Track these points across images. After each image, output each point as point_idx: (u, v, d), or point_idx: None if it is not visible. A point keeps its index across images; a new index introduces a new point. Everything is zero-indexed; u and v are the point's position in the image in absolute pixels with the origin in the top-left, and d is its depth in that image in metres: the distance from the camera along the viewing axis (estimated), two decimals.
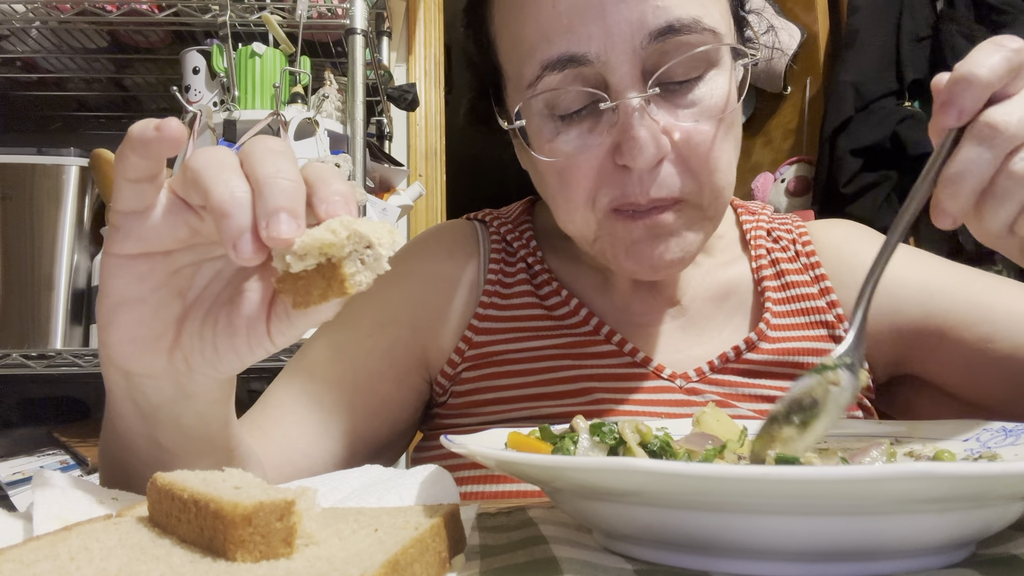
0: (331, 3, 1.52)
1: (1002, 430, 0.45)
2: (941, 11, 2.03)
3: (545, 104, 0.60)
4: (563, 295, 0.71)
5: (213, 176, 0.38)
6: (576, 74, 0.57)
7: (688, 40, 0.56)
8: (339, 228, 0.36)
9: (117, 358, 0.42)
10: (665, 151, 0.57)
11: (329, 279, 0.36)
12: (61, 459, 1.45)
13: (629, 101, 0.56)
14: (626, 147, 0.56)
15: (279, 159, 0.38)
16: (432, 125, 2.32)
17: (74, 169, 1.46)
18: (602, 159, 0.59)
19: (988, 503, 0.31)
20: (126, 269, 0.40)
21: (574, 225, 0.63)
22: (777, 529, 0.30)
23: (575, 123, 0.60)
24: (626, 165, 0.58)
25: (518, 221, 0.78)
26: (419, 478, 0.43)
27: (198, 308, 0.43)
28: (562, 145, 0.60)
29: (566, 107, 0.59)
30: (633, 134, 0.56)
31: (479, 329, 0.70)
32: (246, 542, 0.28)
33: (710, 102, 0.59)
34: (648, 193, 0.58)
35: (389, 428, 0.70)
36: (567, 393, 0.67)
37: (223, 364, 0.43)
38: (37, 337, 1.41)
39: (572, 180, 0.60)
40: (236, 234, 0.36)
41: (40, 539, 0.31)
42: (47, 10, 1.49)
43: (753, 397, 0.67)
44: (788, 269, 0.73)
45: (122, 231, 0.40)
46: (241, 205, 0.37)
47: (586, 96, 0.58)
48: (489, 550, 0.36)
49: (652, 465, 0.29)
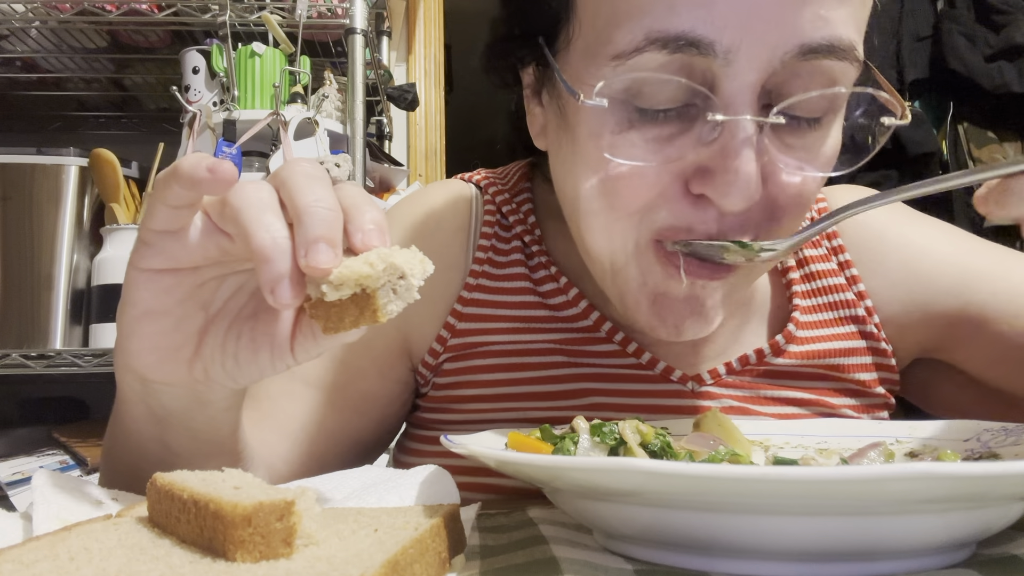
0: (331, 3, 1.52)
1: (1002, 430, 0.45)
2: (941, 11, 2.03)
3: (628, 87, 0.47)
4: (561, 282, 0.64)
5: (254, 218, 0.37)
6: (687, 62, 0.45)
7: (834, 69, 0.46)
8: (376, 261, 0.36)
9: (137, 366, 0.43)
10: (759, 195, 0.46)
11: (362, 308, 0.36)
12: (61, 459, 1.45)
13: (743, 121, 0.44)
14: (721, 179, 0.45)
15: (317, 186, 0.38)
16: (432, 125, 2.32)
17: (74, 169, 1.46)
18: (672, 178, 0.48)
19: (988, 503, 0.31)
20: (152, 282, 0.41)
21: (605, 243, 0.52)
22: (777, 529, 0.30)
23: (657, 123, 0.47)
24: (705, 196, 0.47)
25: (516, 189, 0.69)
26: (419, 478, 0.43)
27: (221, 320, 0.43)
28: (632, 144, 0.47)
29: (654, 100, 0.47)
30: (735, 165, 0.44)
31: (463, 315, 0.63)
32: (246, 542, 0.28)
33: (823, 152, 0.49)
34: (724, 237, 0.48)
35: (376, 424, 0.66)
36: (560, 394, 0.62)
37: (243, 376, 0.43)
38: (37, 337, 1.41)
39: (625, 191, 0.48)
40: (276, 279, 0.37)
41: (40, 539, 0.31)
42: (47, 10, 1.49)
43: (777, 400, 0.62)
44: (812, 256, 0.66)
45: (153, 247, 0.40)
46: (283, 252, 0.37)
47: (686, 94, 0.46)
48: (489, 550, 0.36)
49: (652, 465, 0.29)
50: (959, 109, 1.99)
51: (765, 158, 0.46)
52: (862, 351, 0.64)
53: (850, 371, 0.64)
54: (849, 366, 0.64)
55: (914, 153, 1.94)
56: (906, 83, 2.02)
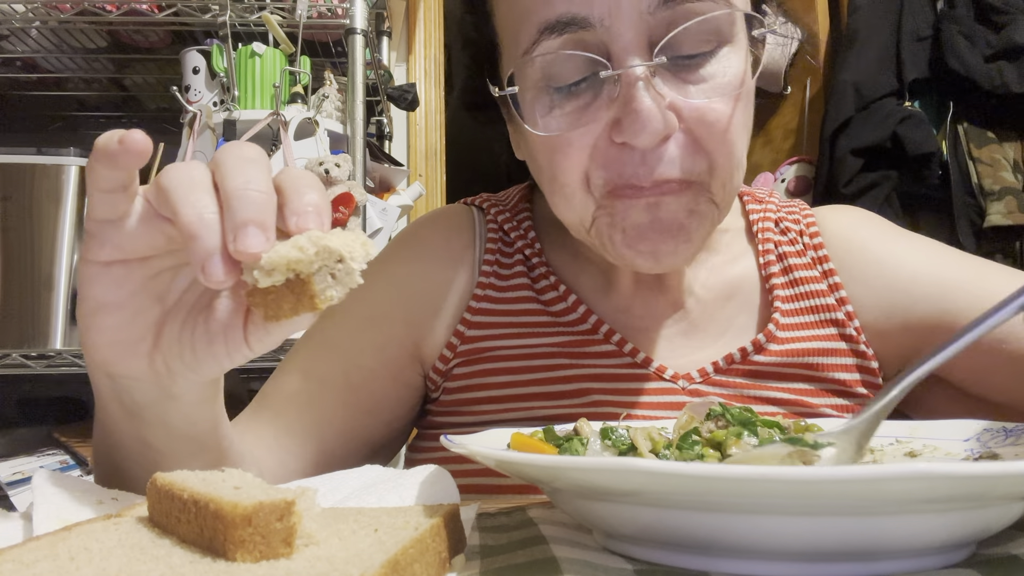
0: (331, 3, 1.52)
1: (1002, 430, 0.45)
2: (941, 11, 2.03)
3: (542, 74, 0.55)
4: (561, 291, 0.68)
5: (182, 196, 0.37)
6: (576, 39, 0.53)
7: (700, 8, 0.52)
8: (307, 244, 0.35)
9: (99, 361, 0.43)
10: (672, 127, 0.53)
11: (299, 294, 0.36)
12: (61, 459, 1.45)
13: (632, 70, 0.52)
14: (627, 121, 0.52)
15: (250, 168, 0.38)
16: (432, 125, 2.32)
17: (74, 169, 1.46)
18: (598, 135, 0.55)
19: (988, 503, 0.31)
20: (103, 275, 0.40)
21: (569, 211, 0.59)
22: (777, 529, 0.30)
23: (572, 97, 0.55)
24: (626, 143, 0.53)
25: (516, 209, 0.74)
26: (419, 478, 0.43)
27: (177, 312, 0.43)
28: (556, 119, 0.56)
29: (564, 78, 0.55)
30: (635, 107, 0.51)
31: (472, 323, 0.68)
32: (246, 542, 0.28)
33: (723, 79, 0.54)
34: (651, 174, 0.54)
35: (385, 426, 0.69)
36: (563, 393, 0.65)
37: (203, 368, 0.43)
38: (37, 337, 1.41)
39: (565, 159, 0.56)
40: (204, 256, 0.36)
41: (40, 539, 0.31)
42: (47, 10, 1.49)
43: (760, 399, 0.65)
44: (796, 264, 0.70)
45: (98, 239, 0.40)
46: (209, 227, 0.36)
47: (586, 65, 0.54)
48: (489, 550, 0.36)
49: (652, 465, 0.29)
50: (959, 109, 1.99)
51: (668, 99, 0.53)
52: (842, 352, 0.67)
53: (830, 370, 0.66)
54: (828, 365, 0.66)
55: (914, 153, 1.94)
56: (906, 83, 2.02)
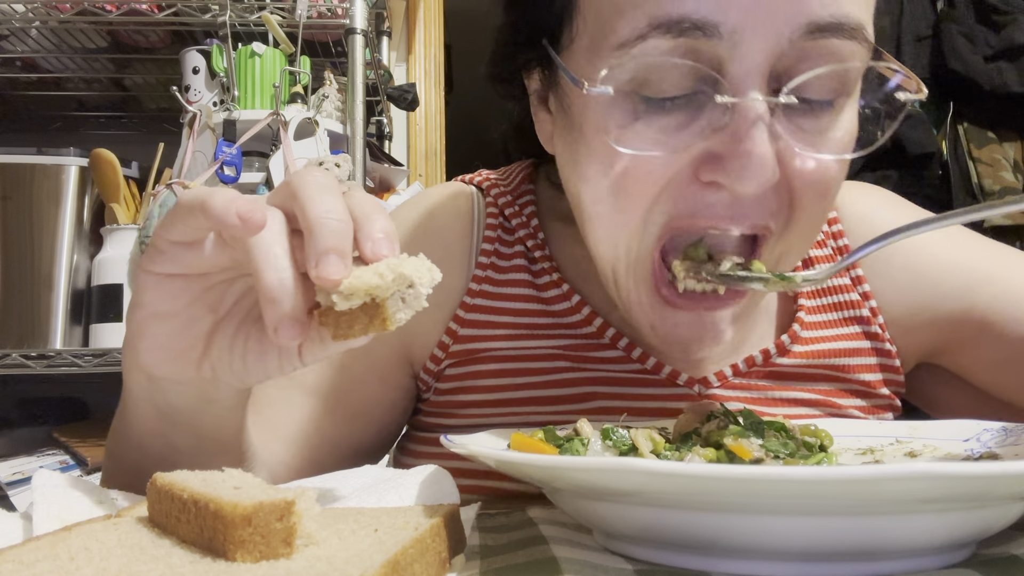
0: (331, 3, 1.52)
1: (1002, 430, 0.45)
2: (941, 11, 2.03)
3: (634, 76, 0.46)
4: (564, 288, 0.63)
5: (264, 251, 0.38)
6: (691, 46, 0.44)
7: (842, 50, 0.45)
8: (386, 271, 0.37)
9: (146, 364, 0.43)
10: (776, 177, 0.45)
11: (372, 316, 0.37)
12: (61, 459, 1.45)
13: (753, 103, 0.43)
14: (733, 162, 0.44)
15: (328, 196, 0.38)
16: (432, 125, 2.32)
17: (74, 169, 1.46)
18: (680, 168, 0.46)
19: (988, 503, 0.31)
20: (162, 286, 0.41)
21: (614, 246, 0.50)
22: (777, 529, 0.30)
23: (664, 113, 0.46)
24: (716, 182, 0.46)
25: (519, 192, 0.67)
26: (419, 478, 0.43)
27: (229, 322, 0.43)
28: (639, 135, 0.46)
29: (661, 88, 0.46)
30: (748, 148, 0.43)
31: (465, 321, 0.63)
32: (246, 542, 0.28)
33: (838, 134, 0.47)
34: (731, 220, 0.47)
35: (375, 430, 0.66)
36: (564, 398, 0.61)
37: (250, 376, 0.43)
38: (37, 337, 1.41)
39: (635, 184, 0.47)
40: (279, 320, 0.37)
41: (40, 539, 0.31)
42: (47, 10, 1.49)
43: (785, 401, 0.62)
44: (818, 257, 0.66)
45: (166, 255, 0.40)
46: (288, 293, 0.37)
47: (693, 81, 0.45)
48: (489, 550, 0.36)
49: (652, 465, 0.29)
50: (959, 109, 1.99)
51: (779, 143, 0.45)
52: (867, 351, 0.64)
53: (855, 371, 0.64)
54: (854, 366, 0.64)
55: (914, 153, 1.93)
56: None
